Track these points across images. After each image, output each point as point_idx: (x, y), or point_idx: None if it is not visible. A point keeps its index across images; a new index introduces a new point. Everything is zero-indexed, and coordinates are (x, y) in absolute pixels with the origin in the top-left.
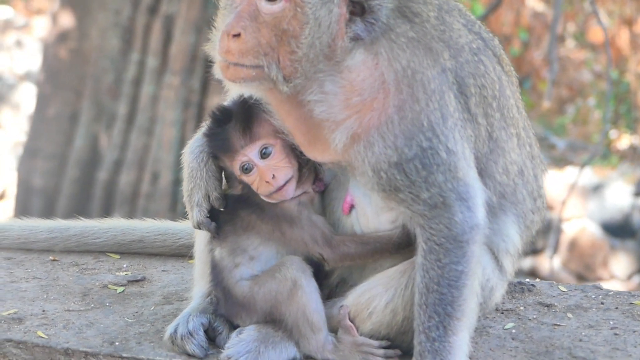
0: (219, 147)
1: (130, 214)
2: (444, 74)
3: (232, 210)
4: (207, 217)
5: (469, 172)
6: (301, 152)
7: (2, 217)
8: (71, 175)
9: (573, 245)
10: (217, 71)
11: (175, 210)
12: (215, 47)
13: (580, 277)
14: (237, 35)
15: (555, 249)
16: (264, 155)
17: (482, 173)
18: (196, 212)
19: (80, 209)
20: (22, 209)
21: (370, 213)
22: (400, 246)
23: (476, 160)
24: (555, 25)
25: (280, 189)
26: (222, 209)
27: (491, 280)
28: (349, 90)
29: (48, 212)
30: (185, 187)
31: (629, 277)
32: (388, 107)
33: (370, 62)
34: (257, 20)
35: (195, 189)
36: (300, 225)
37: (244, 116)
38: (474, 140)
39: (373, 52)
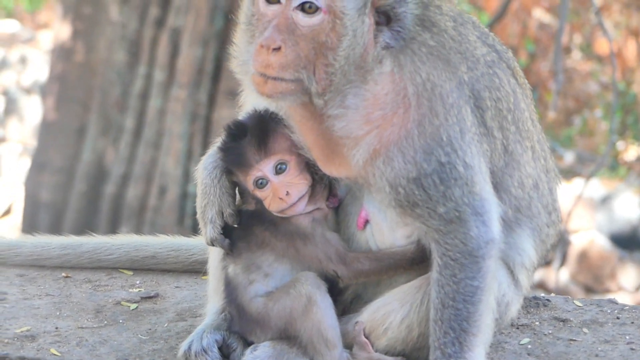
0: (233, 161)
1: (138, 228)
2: (461, 87)
3: (246, 226)
4: (221, 233)
5: (484, 187)
6: (315, 168)
7: (9, 232)
8: (78, 189)
9: (582, 257)
10: (250, 86)
11: (183, 224)
12: (249, 62)
13: (589, 290)
14: (277, 49)
15: (563, 261)
16: (279, 170)
17: (498, 187)
18: (210, 228)
19: (87, 223)
20: (30, 223)
21: (385, 228)
22: (415, 262)
23: (492, 175)
24: (560, 36)
25: (292, 204)
26: (235, 226)
27: (507, 295)
28: (372, 103)
29: (55, 226)
30: (199, 203)
31: (637, 288)
32: (408, 121)
33: (396, 74)
34: (295, 34)
35: (209, 205)
36: (314, 242)
37: (260, 130)
38: (490, 154)
39: (398, 63)
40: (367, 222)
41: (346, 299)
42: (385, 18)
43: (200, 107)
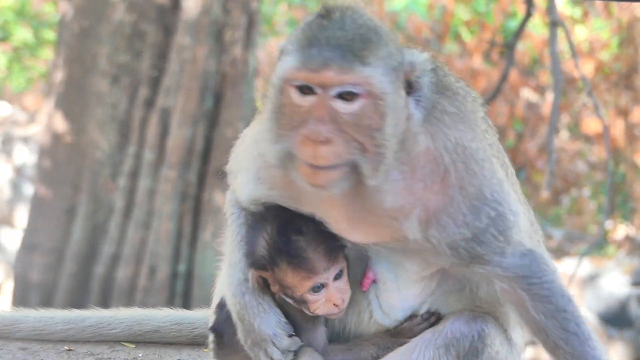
0: (291, 262)
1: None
2: (485, 143)
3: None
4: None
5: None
6: None
7: None
8: (68, 270)
9: None
10: (299, 178)
11: (173, 304)
12: (284, 151)
13: None
14: (325, 140)
15: None
16: (337, 277)
17: None
18: (279, 342)
19: (77, 304)
20: (20, 304)
21: (394, 288)
22: (395, 335)
23: None
24: (555, 115)
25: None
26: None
27: (500, 353)
28: (411, 176)
29: (45, 306)
30: (245, 329)
31: None
32: (449, 187)
33: (430, 145)
34: (338, 121)
35: (263, 323)
36: (306, 329)
37: (323, 234)
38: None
39: (430, 133)
40: (372, 282)
41: None
42: (408, 87)
43: (190, 187)
